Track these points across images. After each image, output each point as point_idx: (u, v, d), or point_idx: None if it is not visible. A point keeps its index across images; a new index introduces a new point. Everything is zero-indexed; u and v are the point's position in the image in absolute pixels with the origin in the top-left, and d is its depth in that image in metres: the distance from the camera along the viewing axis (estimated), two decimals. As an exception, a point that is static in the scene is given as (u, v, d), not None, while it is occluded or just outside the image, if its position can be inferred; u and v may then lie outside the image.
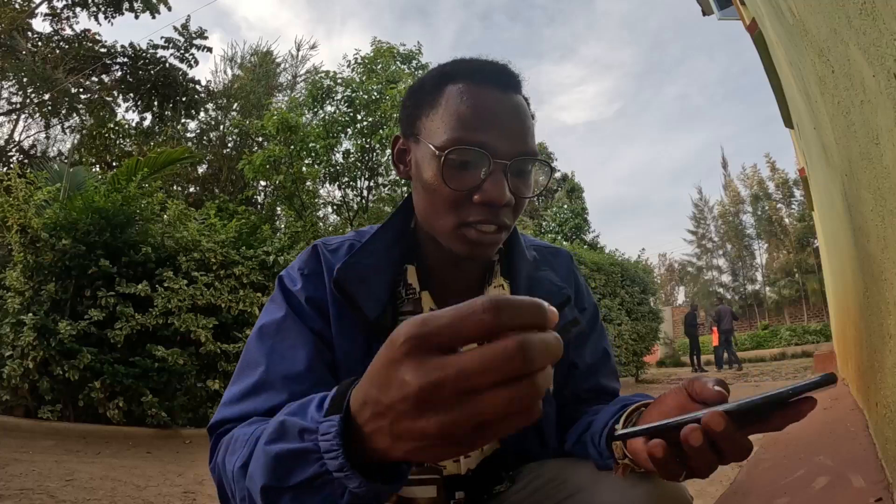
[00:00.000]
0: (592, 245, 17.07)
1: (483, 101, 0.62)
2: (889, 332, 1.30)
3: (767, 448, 2.54)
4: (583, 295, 0.83)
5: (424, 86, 0.68)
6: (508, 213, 0.64)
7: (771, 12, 2.31)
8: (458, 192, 0.62)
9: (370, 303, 0.66)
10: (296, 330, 0.67)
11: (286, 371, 0.63)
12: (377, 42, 8.62)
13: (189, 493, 2.53)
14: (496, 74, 0.65)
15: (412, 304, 0.71)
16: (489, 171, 0.61)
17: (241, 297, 4.41)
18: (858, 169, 1.35)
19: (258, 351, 0.66)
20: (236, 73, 13.23)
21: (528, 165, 0.65)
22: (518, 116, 0.64)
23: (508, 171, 0.62)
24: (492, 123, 0.62)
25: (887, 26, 0.80)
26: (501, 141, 0.61)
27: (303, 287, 0.69)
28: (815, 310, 24.25)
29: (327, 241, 0.75)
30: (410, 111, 0.69)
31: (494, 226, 0.63)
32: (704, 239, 32.48)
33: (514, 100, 0.65)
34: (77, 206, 4.21)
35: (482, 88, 0.63)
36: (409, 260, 0.72)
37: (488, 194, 0.61)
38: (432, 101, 0.65)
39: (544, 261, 0.80)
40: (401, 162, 0.71)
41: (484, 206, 0.62)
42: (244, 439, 0.52)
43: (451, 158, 0.61)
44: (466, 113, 0.62)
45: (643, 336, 8.90)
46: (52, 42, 9.63)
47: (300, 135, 7.49)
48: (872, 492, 1.32)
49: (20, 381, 3.79)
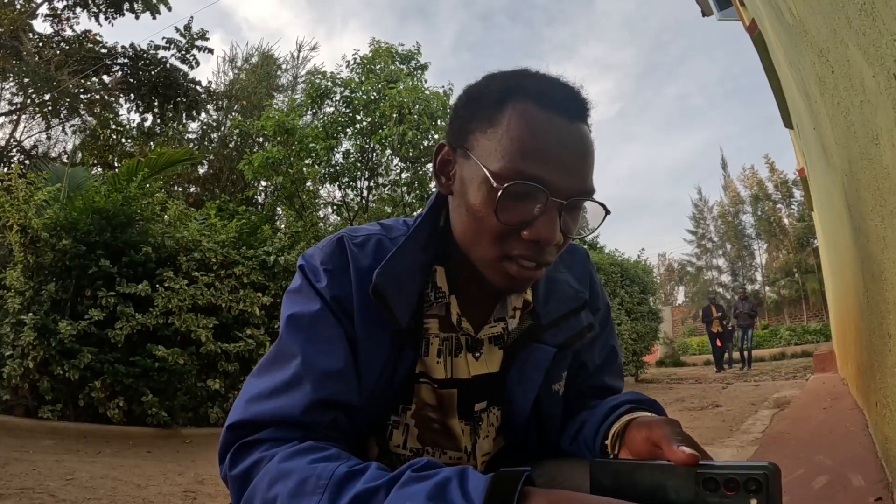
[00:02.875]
0: (592, 245, 17.03)
1: (547, 130, 0.57)
2: (889, 331, 1.30)
3: (767, 447, 2.54)
4: (597, 296, 0.81)
5: (483, 97, 0.62)
6: (553, 251, 0.61)
7: (770, 13, 2.31)
8: (507, 226, 0.58)
9: (403, 308, 0.63)
10: (331, 326, 0.62)
11: (325, 367, 0.59)
12: (376, 42, 8.63)
13: (189, 493, 2.53)
14: (565, 101, 0.60)
15: (441, 307, 0.68)
16: (544, 209, 0.57)
17: (242, 297, 4.41)
18: (858, 169, 1.36)
19: (292, 342, 0.61)
20: (237, 75, 13.24)
21: (582, 203, 0.62)
22: (581, 151, 0.59)
23: (563, 210, 0.58)
24: (554, 156, 0.57)
25: (887, 27, 0.80)
26: (561, 177, 0.57)
27: (328, 285, 0.64)
28: (814, 310, 24.24)
29: (353, 235, 0.69)
30: (464, 122, 0.63)
31: (536, 263, 0.60)
32: (704, 239, 32.48)
33: (580, 131, 0.60)
34: (77, 206, 4.21)
35: (547, 114, 0.58)
36: (438, 262, 0.68)
37: (539, 233, 0.57)
38: (490, 116, 0.60)
39: (562, 260, 0.76)
40: (443, 174, 0.65)
41: (531, 243, 0.58)
42: (317, 483, 0.49)
43: (507, 191, 0.56)
44: (528, 141, 0.57)
45: (643, 336, 8.90)
46: (52, 43, 9.63)
47: (298, 136, 7.50)
48: (872, 491, 1.33)
49: (20, 380, 3.79)
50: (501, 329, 0.71)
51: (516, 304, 0.71)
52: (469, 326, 0.70)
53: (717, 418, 4.40)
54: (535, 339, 0.70)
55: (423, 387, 0.69)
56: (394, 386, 0.66)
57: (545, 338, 0.70)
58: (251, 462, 0.54)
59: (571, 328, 0.72)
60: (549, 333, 0.71)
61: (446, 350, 0.70)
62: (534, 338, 0.70)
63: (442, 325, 0.69)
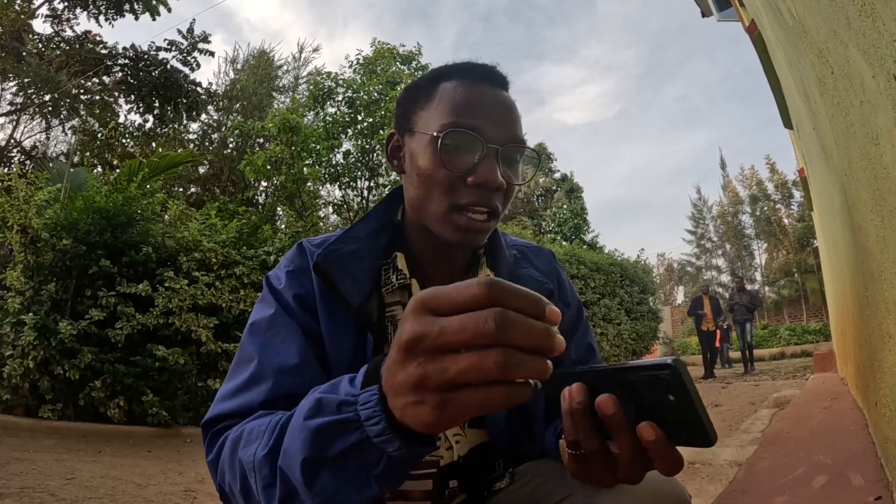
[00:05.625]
0: (592, 245, 17.09)
1: (476, 93, 0.67)
2: (888, 331, 1.31)
3: (767, 446, 2.55)
4: (566, 290, 0.84)
5: (419, 84, 0.71)
6: (500, 198, 0.67)
7: (770, 14, 2.31)
8: (452, 173, 0.64)
9: (353, 288, 0.67)
10: (286, 326, 0.67)
11: (279, 364, 0.64)
12: (377, 43, 8.64)
13: (190, 492, 2.53)
14: (487, 73, 0.69)
15: (401, 291, 0.71)
16: (482, 155, 0.64)
17: (242, 296, 4.41)
18: (858, 169, 1.36)
19: (250, 346, 0.67)
20: (238, 76, 13.24)
21: (518, 155, 0.69)
22: (508, 108, 0.68)
23: (500, 157, 0.65)
24: (484, 112, 0.65)
25: (887, 27, 0.81)
26: (493, 128, 0.65)
27: (288, 284, 0.70)
28: (814, 309, 24.23)
29: (311, 239, 0.76)
30: (405, 107, 0.72)
31: (486, 209, 0.65)
32: (703, 239, 32.48)
33: (504, 94, 0.69)
34: (78, 206, 4.21)
35: (474, 83, 0.67)
36: (397, 248, 0.73)
37: (482, 176, 0.64)
38: (427, 95, 0.69)
39: (526, 258, 0.82)
40: (395, 158, 0.73)
41: (477, 189, 0.64)
42: (260, 429, 0.53)
43: (446, 143, 0.64)
44: (461, 101, 0.65)
45: (642, 335, 8.90)
46: (52, 43, 9.62)
47: (301, 136, 7.50)
48: (872, 490, 1.33)
49: (21, 380, 3.79)
50: None
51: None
52: None
53: (717, 418, 4.41)
54: None
55: None
56: None
57: None
58: (219, 445, 0.60)
59: None
60: None
61: None
62: None
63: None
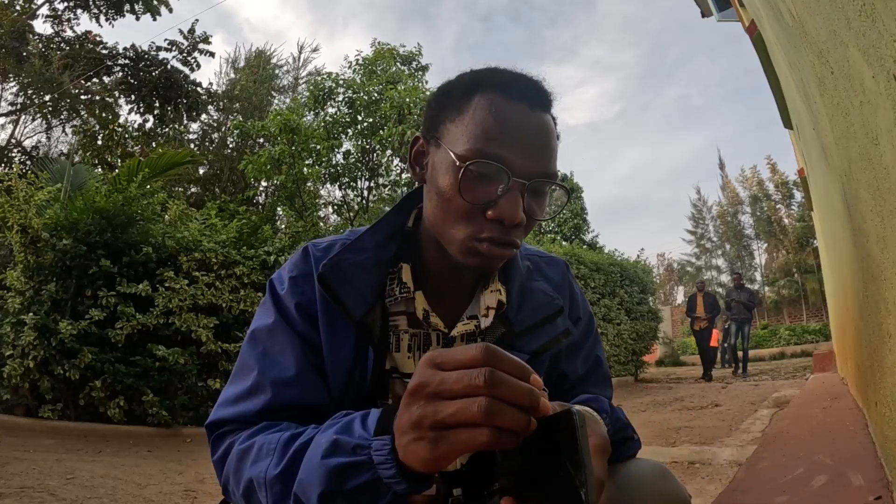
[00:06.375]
0: (592, 245, 17.07)
1: (510, 116, 0.61)
2: (888, 331, 1.31)
3: (767, 446, 2.55)
4: (577, 305, 0.82)
5: (453, 90, 0.66)
6: (519, 233, 0.63)
7: (770, 14, 2.31)
8: (472, 205, 0.61)
9: (356, 301, 0.66)
10: (285, 336, 0.67)
11: (276, 376, 0.65)
12: (377, 43, 8.64)
13: (190, 492, 2.53)
14: (527, 90, 0.63)
15: (404, 302, 0.70)
16: (506, 189, 0.60)
17: (242, 296, 4.41)
18: (858, 169, 1.36)
19: (250, 355, 0.68)
20: (238, 76, 13.24)
21: (546, 187, 0.64)
22: (543, 136, 0.62)
23: (525, 191, 0.61)
24: (516, 140, 0.60)
25: (887, 28, 0.81)
26: (523, 159, 0.60)
27: (290, 291, 0.69)
28: (814, 309, 24.22)
29: (317, 242, 0.74)
30: (435, 113, 0.67)
31: (504, 244, 0.62)
32: (703, 239, 32.49)
33: (542, 119, 0.63)
34: (78, 206, 4.21)
35: (511, 103, 0.61)
36: (404, 259, 0.71)
37: (502, 211, 0.60)
38: (459, 106, 0.63)
39: (538, 270, 0.79)
40: (417, 164, 0.69)
41: (496, 223, 0.61)
42: (270, 447, 0.57)
43: (469, 170, 0.60)
44: (492, 125, 0.60)
45: (642, 335, 8.89)
46: (53, 44, 9.62)
47: (302, 136, 7.51)
48: (872, 490, 1.33)
49: (21, 380, 3.79)
50: (474, 326, 0.71)
51: (490, 304, 0.71)
52: (439, 322, 0.70)
53: (717, 417, 4.41)
54: (509, 347, 0.69)
55: (396, 382, 0.70)
56: (366, 382, 0.68)
57: (519, 345, 0.71)
58: (224, 447, 0.64)
59: (547, 334, 0.73)
60: (523, 341, 0.71)
61: (415, 346, 0.71)
62: (507, 345, 0.70)
63: (410, 322, 0.71)
